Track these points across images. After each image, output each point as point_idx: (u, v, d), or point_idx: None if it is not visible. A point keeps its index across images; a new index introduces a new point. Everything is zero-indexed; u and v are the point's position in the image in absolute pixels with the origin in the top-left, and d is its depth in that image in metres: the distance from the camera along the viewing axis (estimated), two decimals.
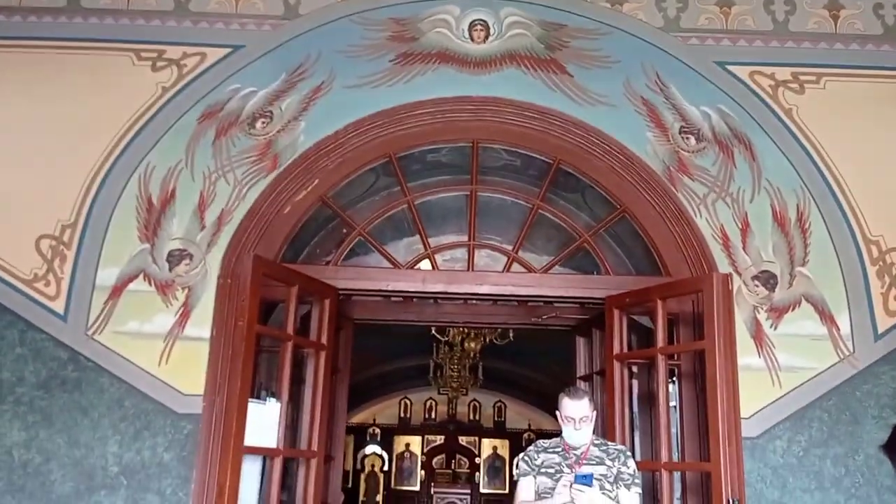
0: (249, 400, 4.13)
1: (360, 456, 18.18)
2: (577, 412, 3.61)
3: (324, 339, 4.58)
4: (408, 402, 18.13)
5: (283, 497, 4.50)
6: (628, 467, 3.66)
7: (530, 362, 12.88)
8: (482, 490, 17.43)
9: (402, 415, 18.28)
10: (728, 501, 3.75)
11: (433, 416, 18.08)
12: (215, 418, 4.27)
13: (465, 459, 18.02)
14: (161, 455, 4.35)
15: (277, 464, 4.23)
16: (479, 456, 18.04)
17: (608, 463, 3.65)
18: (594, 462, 3.64)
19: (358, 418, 17.65)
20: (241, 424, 3.95)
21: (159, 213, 4.72)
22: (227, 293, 4.53)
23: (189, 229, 4.71)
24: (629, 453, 3.79)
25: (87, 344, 4.50)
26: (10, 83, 4.95)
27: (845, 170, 4.75)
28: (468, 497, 14.47)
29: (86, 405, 4.42)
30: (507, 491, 17.55)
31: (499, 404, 18.16)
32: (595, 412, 3.71)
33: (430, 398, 17.75)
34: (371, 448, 18.22)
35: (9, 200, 4.69)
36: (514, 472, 3.87)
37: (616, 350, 4.54)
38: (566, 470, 3.56)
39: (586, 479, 3.45)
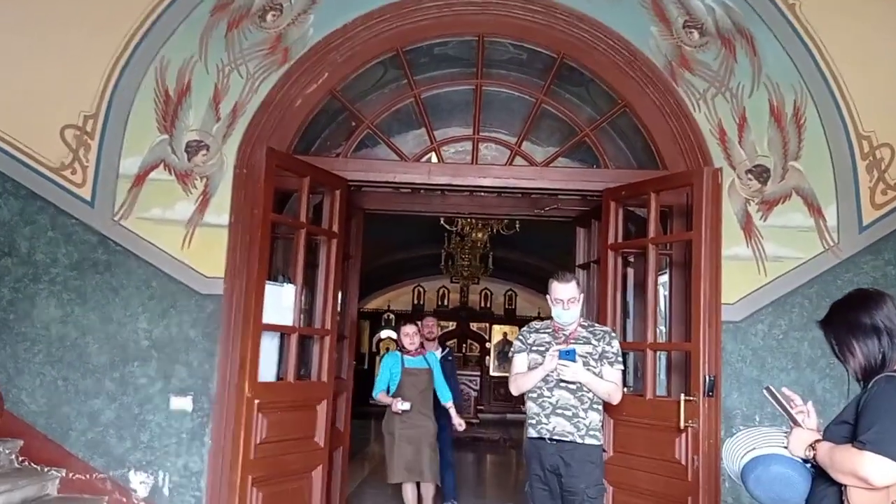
0: (266, 282, 4.46)
1: (375, 339, 18.97)
2: (564, 294, 3.89)
3: (335, 228, 4.85)
4: (421, 289, 18.72)
5: (301, 371, 4.91)
6: (612, 347, 3.98)
7: (539, 252, 13.19)
8: (492, 373, 18.25)
9: (415, 302, 18.91)
10: (705, 377, 4.08)
11: (446, 303, 18.69)
12: (235, 298, 4.62)
13: (476, 344, 18.76)
14: (187, 331, 4.74)
15: (294, 340, 4.60)
16: (490, 341, 18.77)
17: (594, 342, 3.96)
18: (581, 341, 3.95)
19: (373, 304, 18.30)
20: (259, 304, 4.28)
21: (176, 105, 4.91)
22: (242, 183, 4.79)
23: (205, 121, 4.92)
24: (614, 334, 4.10)
25: (114, 229, 4.81)
26: None
27: (843, 66, 4.82)
28: (478, 379, 15.17)
29: (116, 285, 4.78)
30: None
31: (509, 293, 18.72)
32: (582, 295, 4.00)
33: (443, 286, 18.31)
34: (386, 332, 18.97)
35: (33, 93, 4.89)
36: (511, 350, 4.22)
37: (611, 240, 4.79)
38: (555, 347, 3.88)
39: (569, 355, 3.77)
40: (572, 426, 3.79)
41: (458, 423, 5.87)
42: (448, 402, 5.78)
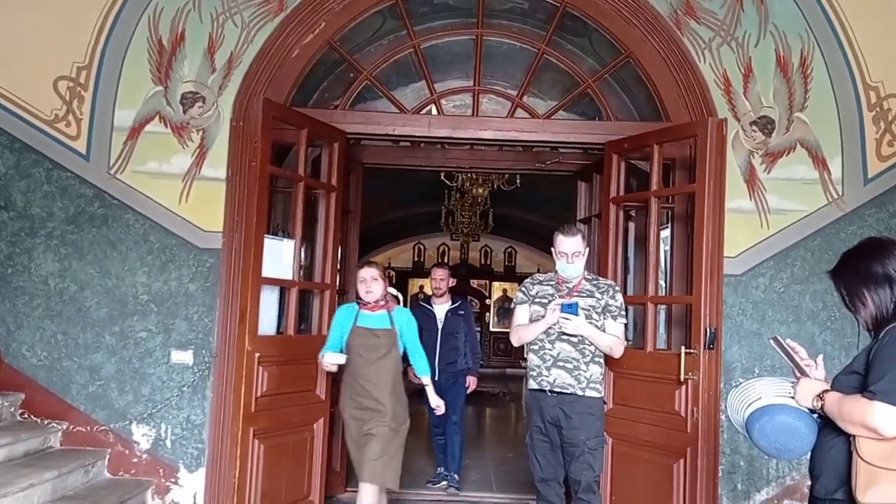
0: (266, 236, 4.42)
1: None
2: (569, 247, 3.86)
3: (333, 181, 4.80)
4: (422, 247, 18.71)
5: (302, 326, 4.90)
6: (615, 300, 3.96)
7: (540, 209, 13.13)
8: (492, 329, 18.36)
9: (416, 259, 18.92)
10: (706, 330, 4.07)
11: (446, 260, 18.68)
12: (234, 252, 4.59)
13: (476, 301, 18.81)
14: (186, 285, 4.72)
15: (293, 294, 4.58)
16: (490, 298, 18.83)
17: (597, 296, 3.94)
18: (585, 294, 3.93)
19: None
20: (258, 258, 4.25)
21: (170, 56, 4.82)
22: (239, 135, 4.72)
23: (200, 72, 4.83)
24: (617, 288, 4.07)
25: (110, 182, 4.76)
26: None
27: (851, 15, 4.70)
28: (478, 334, 15.20)
29: (114, 239, 4.75)
30: None
31: (509, 250, 18.71)
32: (587, 249, 3.96)
33: (443, 243, 18.28)
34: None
35: (25, 43, 4.78)
36: (513, 301, 4.21)
37: (612, 193, 4.73)
38: (557, 300, 3.86)
39: (571, 308, 3.75)
40: (573, 379, 3.79)
41: (436, 404, 4.47)
42: (424, 377, 4.42)
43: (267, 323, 4.60)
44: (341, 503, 5.25)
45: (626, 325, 4.03)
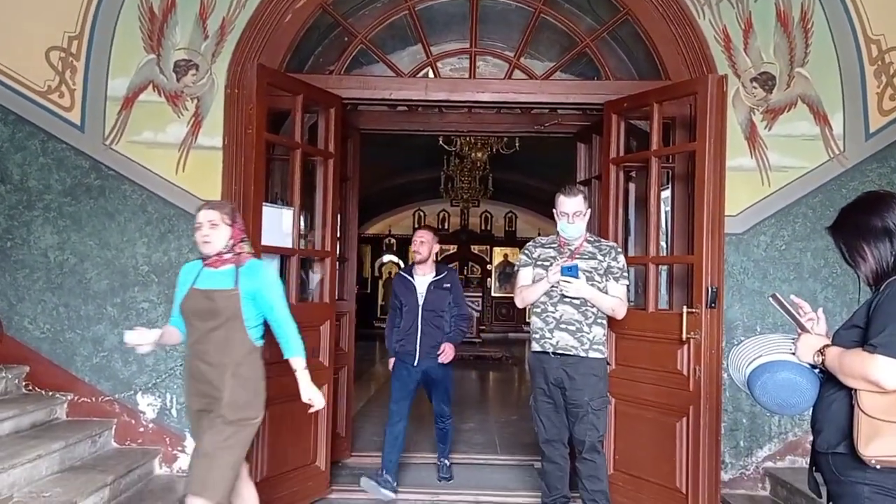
0: (264, 204, 4.39)
1: (377, 264, 19.05)
2: (570, 207, 3.84)
3: (331, 147, 4.76)
4: (421, 213, 18.69)
5: (303, 295, 4.90)
6: (618, 262, 3.94)
7: (539, 173, 13.08)
8: (493, 294, 18.41)
9: (416, 226, 18.88)
10: (707, 289, 4.06)
11: (446, 226, 18.70)
12: None
13: (477, 266, 18.86)
14: (187, 255, 4.70)
15: (294, 262, 4.56)
16: (491, 263, 18.86)
17: (599, 258, 3.93)
18: (587, 256, 3.91)
19: (374, 229, 18.29)
20: (256, 225, 4.22)
21: (162, 23, 4.75)
22: (234, 102, 4.67)
23: (193, 39, 4.76)
24: (619, 250, 4.05)
25: (106, 153, 4.72)
26: None
27: None
28: (480, 300, 15.29)
29: (112, 210, 4.73)
30: None
31: (510, 215, 18.69)
32: (589, 210, 3.94)
33: (443, 210, 18.25)
34: (388, 257, 19.04)
35: (15, 14, 4.73)
36: (516, 264, 4.20)
37: (612, 154, 4.69)
38: (558, 261, 3.85)
39: (571, 271, 3.74)
40: (576, 340, 3.80)
41: (308, 398, 3.32)
42: (294, 359, 3.32)
43: None
44: (347, 468, 5.29)
45: (628, 286, 4.02)
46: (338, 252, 5.16)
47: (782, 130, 4.75)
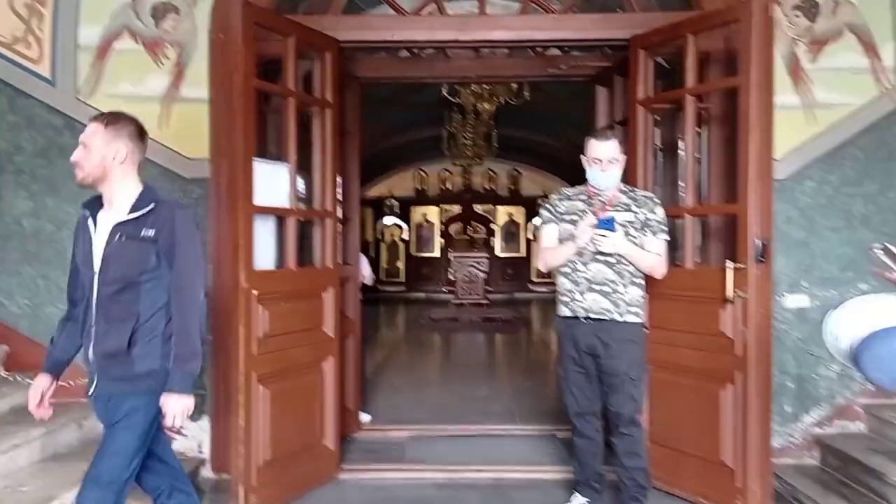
0: (255, 159, 3.94)
1: (379, 227, 18.62)
2: (604, 153, 3.40)
3: (328, 96, 4.29)
4: (422, 174, 18.21)
5: (304, 260, 4.47)
6: (656, 214, 3.52)
7: (545, 128, 12.56)
8: (498, 254, 18.01)
9: (417, 187, 18.45)
10: (754, 242, 3.63)
11: (449, 186, 18.25)
12: (223, 180, 4.15)
13: (482, 226, 18.44)
14: None
15: (291, 224, 4.13)
16: (495, 222, 18.43)
17: (635, 209, 3.50)
18: (621, 208, 3.49)
19: (375, 191, 17.82)
20: (248, 183, 3.78)
21: None
22: (220, 49, 4.21)
23: None
24: (657, 200, 3.61)
25: (79, 109, 4.27)
26: None
27: None
28: (486, 260, 14.89)
29: None
30: (522, 254, 18.12)
31: (514, 173, 18.20)
32: (624, 156, 3.51)
33: (445, 169, 17.77)
34: (390, 219, 18.60)
35: None
36: (537, 220, 3.75)
37: (640, 95, 4.23)
38: (590, 215, 3.42)
39: (608, 224, 3.32)
40: (610, 303, 3.39)
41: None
42: None
43: (265, 257, 4.15)
44: (357, 443, 4.95)
45: (667, 240, 3.59)
46: (339, 213, 4.72)
47: (828, 63, 4.31)
